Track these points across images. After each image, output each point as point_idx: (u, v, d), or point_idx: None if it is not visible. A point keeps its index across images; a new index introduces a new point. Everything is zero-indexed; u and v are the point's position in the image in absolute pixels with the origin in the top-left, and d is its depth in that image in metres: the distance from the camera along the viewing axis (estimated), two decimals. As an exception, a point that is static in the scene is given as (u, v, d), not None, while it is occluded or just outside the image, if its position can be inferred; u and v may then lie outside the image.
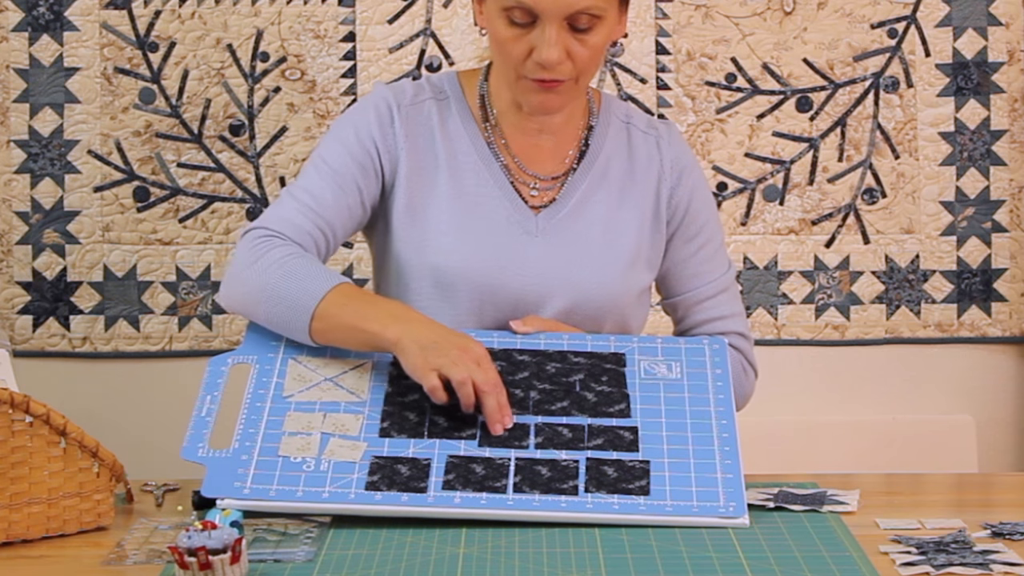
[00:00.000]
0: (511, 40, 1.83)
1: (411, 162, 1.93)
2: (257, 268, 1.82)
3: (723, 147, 2.90)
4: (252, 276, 1.82)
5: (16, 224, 2.84)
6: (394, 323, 1.73)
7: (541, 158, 1.96)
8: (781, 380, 2.89)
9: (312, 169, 1.93)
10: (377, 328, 1.73)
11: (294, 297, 1.77)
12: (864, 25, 2.89)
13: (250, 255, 1.84)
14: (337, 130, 1.96)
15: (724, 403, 1.74)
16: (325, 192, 1.90)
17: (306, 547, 1.51)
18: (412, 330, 1.72)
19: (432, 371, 1.68)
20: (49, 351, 2.87)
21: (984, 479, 2.19)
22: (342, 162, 1.92)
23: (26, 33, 2.82)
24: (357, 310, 1.75)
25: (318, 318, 1.76)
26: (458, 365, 1.68)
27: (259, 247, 1.84)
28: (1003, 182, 2.91)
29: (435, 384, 1.68)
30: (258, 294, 1.80)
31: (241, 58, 2.84)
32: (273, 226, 1.87)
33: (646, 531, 1.56)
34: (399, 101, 1.95)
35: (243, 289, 1.83)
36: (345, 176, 1.91)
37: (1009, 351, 2.96)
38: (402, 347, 1.71)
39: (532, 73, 1.84)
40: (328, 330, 1.76)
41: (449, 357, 1.69)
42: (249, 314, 1.84)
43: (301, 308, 1.76)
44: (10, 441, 1.56)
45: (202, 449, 1.65)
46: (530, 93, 1.87)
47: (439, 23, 2.86)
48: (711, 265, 2.00)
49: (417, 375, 1.69)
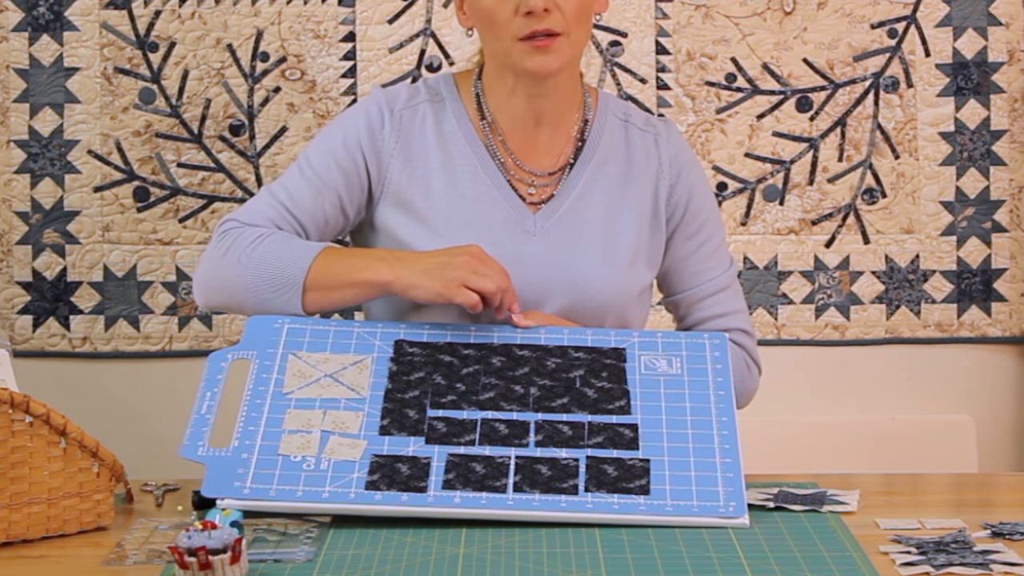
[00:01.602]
0: (496, 5, 1.85)
1: (404, 166, 1.93)
2: (230, 256, 1.84)
3: (723, 147, 2.89)
4: (226, 265, 1.84)
5: (16, 224, 2.84)
6: (384, 265, 1.76)
7: (538, 154, 1.96)
8: (781, 380, 2.88)
9: (296, 169, 1.95)
10: (369, 275, 1.77)
11: (281, 273, 1.80)
12: (864, 25, 2.89)
13: (219, 247, 1.86)
14: (327, 133, 1.97)
15: (724, 399, 1.74)
16: (304, 193, 1.92)
17: (306, 547, 1.51)
18: (406, 264, 1.76)
19: (460, 286, 1.72)
20: (49, 351, 2.87)
21: (984, 479, 2.19)
22: (326, 167, 1.93)
23: (26, 33, 2.82)
24: (346, 264, 1.79)
25: (310, 288, 1.79)
26: (477, 276, 1.73)
27: (227, 237, 1.86)
28: (1003, 182, 2.91)
29: (474, 300, 1.73)
30: (239, 279, 1.83)
31: (241, 58, 2.84)
32: (243, 218, 1.90)
33: (646, 531, 1.56)
34: (392, 105, 1.96)
35: (218, 281, 1.86)
36: (326, 181, 1.92)
37: (1009, 351, 2.96)
38: (408, 282, 1.74)
39: (524, 29, 1.84)
40: (321, 298, 1.80)
41: (464, 269, 1.73)
42: (229, 305, 1.86)
43: (291, 281, 1.79)
44: (10, 441, 1.56)
45: (202, 448, 1.65)
46: (526, 57, 1.86)
47: (439, 23, 2.86)
48: (712, 262, 2.00)
49: (445, 297, 1.73)
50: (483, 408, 1.72)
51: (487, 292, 1.73)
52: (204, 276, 1.89)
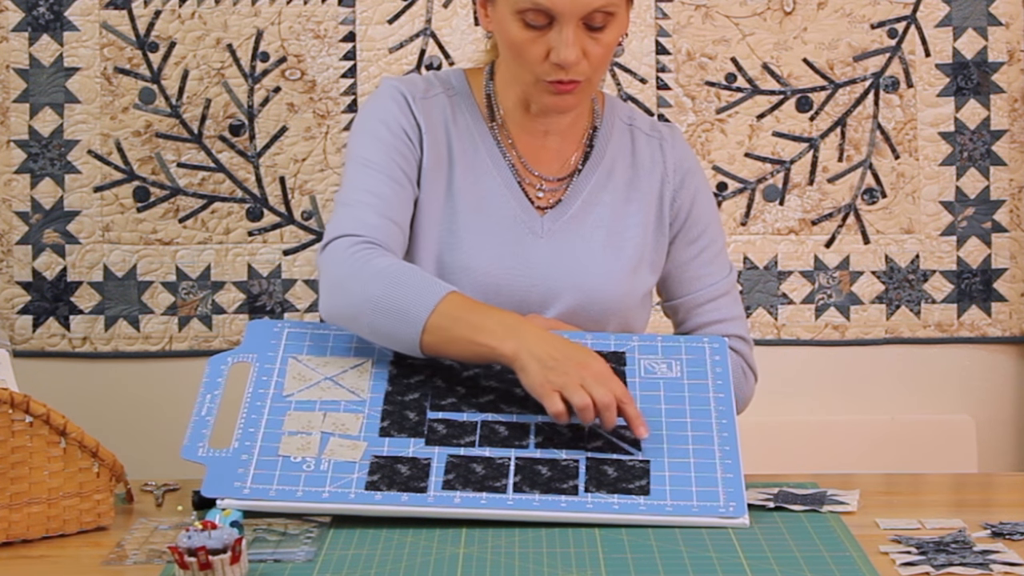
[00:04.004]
0: (527, 43, 1.81)
1: (429, 153, 1.92)
2: (362, 278, 1.76)
3: (723, 147, 2.90)
4: (357, 286, 1.76)
5: (16, 224, 2.84)
6: (510, 336, 1.69)
7: (546, 159, 1.96)
8: (781, 380, 2.89)
9: (357, 172, 1.88)
10: (493, 341, 1.69)
11: (404, 309, 1.72)
12: (864, 25, 2.89)
13: (351, 264, 1.78)
14: (366, 128, 1.92)
15: (724, 402, 1.74)
16: (382, 188, 1.86)
17: (306, 547, 1.51)
18: (529, 344, 1.68)
19: (554, 392, 1.64)
20: (49, 351, 2.87)
21: (984, 479, 2.19)
22: (384, 156, 1.88)
23: (26, 33, 2.82)
24: (470, 322, 1.71)
25: (429, 331, 1.71)
26: (578, 387, 1.64)
27: (360, 255, 1.78)
28: (1003, 182, 2.91)
29: (560, 408, 1.64)
30: (363, 305, 1.75)
31: (241, 58, 2.84)
32: (357, 231, 1.81)
33: (646, 531, 1.56)
34: (413, 93, 1.93)
35: (348, 300, 1.77)
36: (392, 168, 1.88)
37: (1009, 351, 2.96)
38: (521, 363, 1.67)
39: (549, 75, 1.82)
40: (440, 343, 1.72)
41: (569, 376, 1.65)
42: (352, 326, 1.78)
43: (412, 320, 1.72)
44: (10, 441, 1.56)
45: (202, 448, 1.65)
46: (546, 95, 1.85)
47: (439, 23, 2.86)
48: (712, 268, 2.00)
49: (537, 394, 1.66)
50: (483, 410, 1.72)
51: (575, 403, 1.65)
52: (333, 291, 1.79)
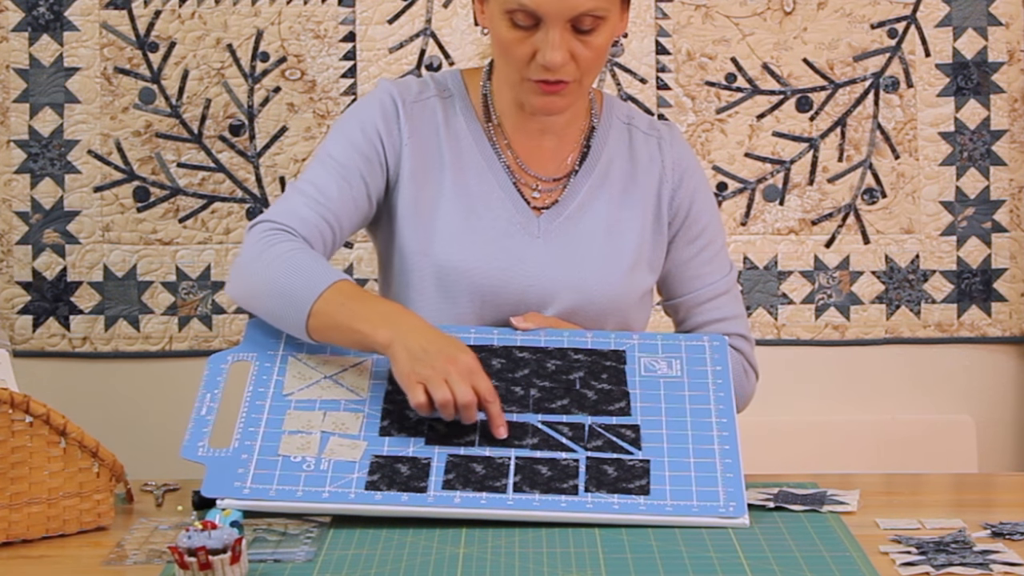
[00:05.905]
0: (514, 42, 1.82)
1: (415, 159, 1.93)
2: (262, 261, 1.81)
3: (723, 147, 2.90)
4: (257, 269, 1.81)
5: (16, 224, 2.84)
6: (385, 325, 1.71)
7: (543, 159, 1.96)
8: (781, 380, 2.89)
9: (317, 164, 1.92)
10: (368, 329, 1.71)
11: (294, 292, 1.76)
12: (864, 25, 2.89)
13: (256, 248, 1.83)
14: (342, 125, 1.95)
15: (724, 401, 1.74)
16: (331, 186, 1.89)
17: (306, 547, 1.51)
18: (403, 334, 1.69)
19: (418, 384, 1.65)
20: (49, 351, 2.87)
21: (984, 479, 2.19)
22: (347, 156, 1.91)
23: (26, 33, 2.82)
24: (352, 309, 1.74)
25: (315, 315, 1.75)
26: (442, 382, 1.65)
27: (266, 239, 1.83)
28: (1003, 182, 2.91)
29: (421, 400, 1.65)
30: (261, 287, 1.80)
31: (241, 58, 2.84)
32: (280, 219, 1.86)
33: (646, 531, 1.56)
34: (404, 97, 1.95)
35: (248, 282, 1.83)
36: (350, 170, 1.90)
37: (1009, 351, 2.96)
38: (392, 352, 1.69)
39: (536, 75, 1.83)
40: (324, 328, 1.75)
41: (435, 370, 1.65)
42: (252, 307, 1.84)
43: (299, 304, 1.75)
44: (10, 441, 1.56)
45: (202, 448, 1.65)
46: (533, 95, 1.86)
47: (439, 23, 2.86)
48: (712, 267, 2.00)
49: (403, 385, 1.68)
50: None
51: (435, 398, 1.65)
52: (238, 273, 1.86)
